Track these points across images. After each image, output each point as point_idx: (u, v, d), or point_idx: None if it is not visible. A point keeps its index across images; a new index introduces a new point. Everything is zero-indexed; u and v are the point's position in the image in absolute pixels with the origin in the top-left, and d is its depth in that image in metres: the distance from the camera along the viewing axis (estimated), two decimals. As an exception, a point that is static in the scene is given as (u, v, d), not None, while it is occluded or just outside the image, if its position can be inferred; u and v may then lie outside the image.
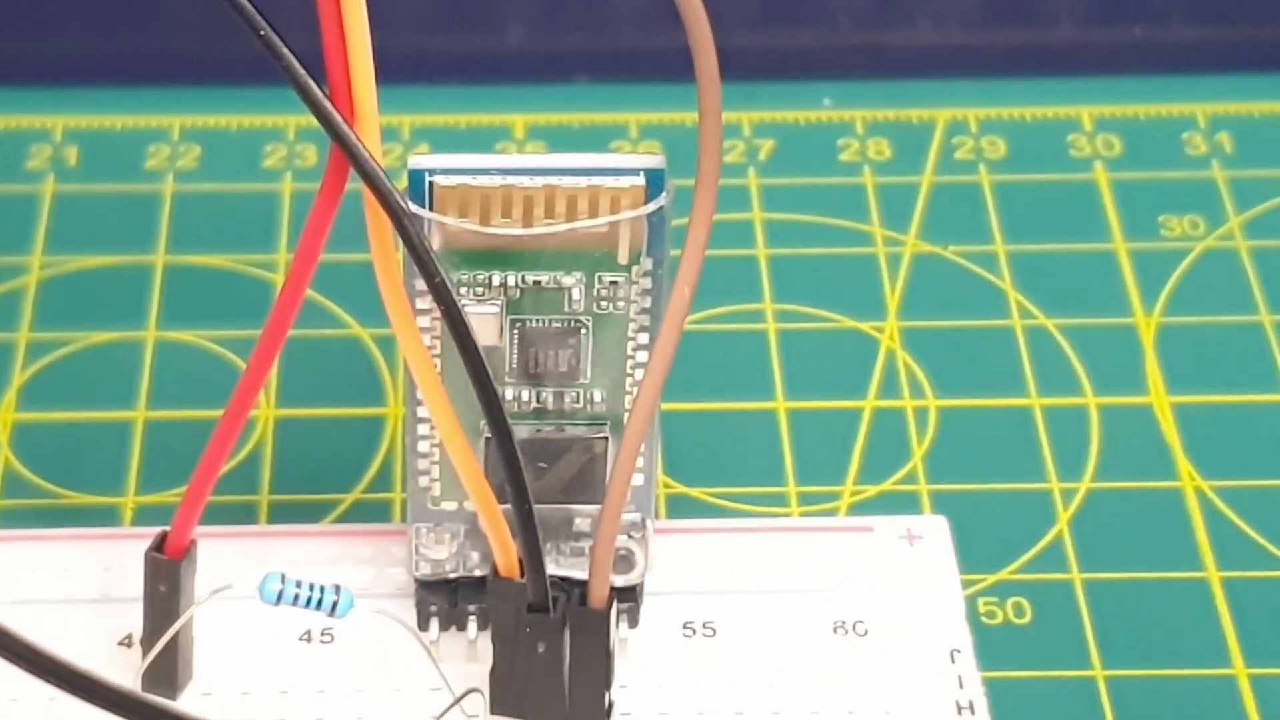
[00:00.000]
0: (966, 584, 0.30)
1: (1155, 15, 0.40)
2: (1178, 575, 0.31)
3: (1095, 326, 0.35)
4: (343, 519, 0.32)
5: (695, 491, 0.32)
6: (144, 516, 0.32)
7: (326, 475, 0.32)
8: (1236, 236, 0.36)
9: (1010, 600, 0.31)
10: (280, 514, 0.32)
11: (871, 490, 0.32)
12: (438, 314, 0.25)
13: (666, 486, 0.32)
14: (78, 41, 0.40)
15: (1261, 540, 0.32)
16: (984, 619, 0.30)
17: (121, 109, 0.39)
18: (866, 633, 0.29)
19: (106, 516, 0.32)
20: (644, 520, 0.28)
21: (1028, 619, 0.31)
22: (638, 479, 0.27)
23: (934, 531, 0.30)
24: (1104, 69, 0.40)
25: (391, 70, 0.24)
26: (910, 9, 0.39)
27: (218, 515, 0.29)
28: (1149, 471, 0.33)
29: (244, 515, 0.32)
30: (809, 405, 0.34)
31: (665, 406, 0.28)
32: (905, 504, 0.32)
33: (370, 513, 0.32)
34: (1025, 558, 0.31)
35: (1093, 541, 0.32)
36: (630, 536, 0.28)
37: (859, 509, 0.32)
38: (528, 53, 0.39)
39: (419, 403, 0.27)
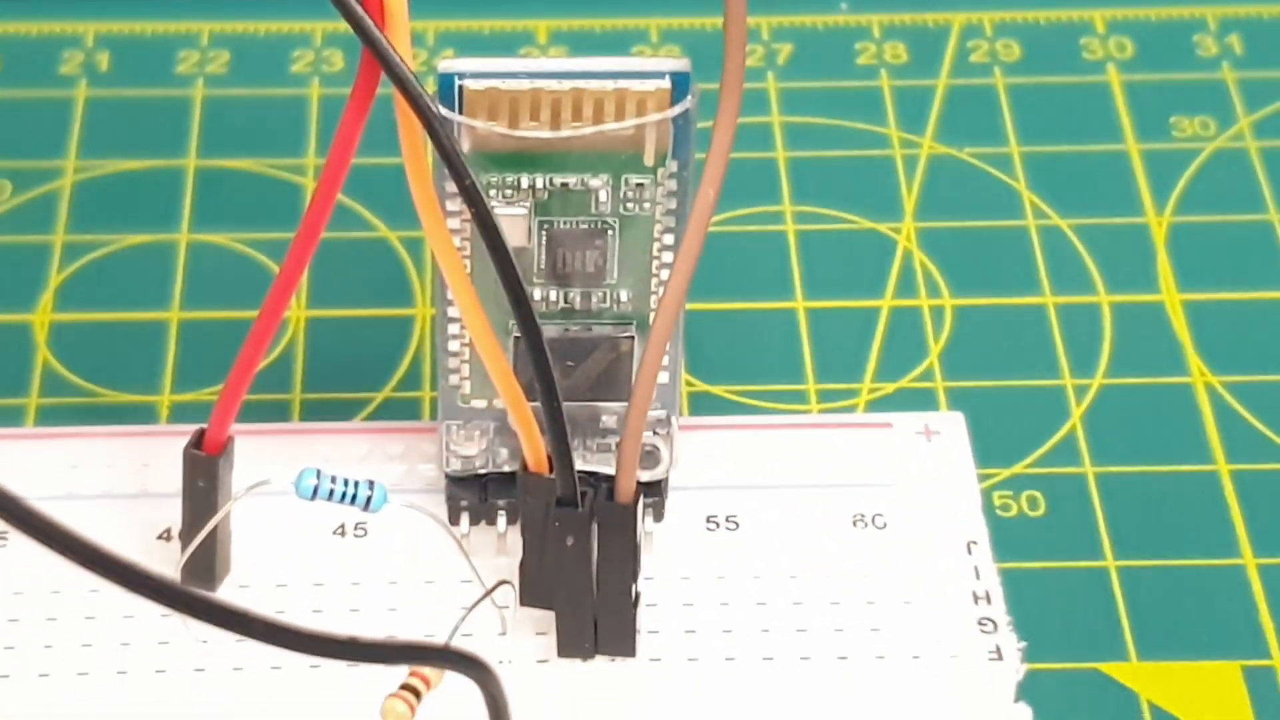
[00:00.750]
0: (982, 478, 0.30)
1: None
2: (1188, 469, 0.31)
3: (1108, 226, 0.35)
4: (373, 417, 0.32)
5: (718, 389, 0.32)
6: (180, 414, 0.32)
7: (358, 374, 0.32)
8: (1246, 137, 0.36)
9: (1025, 494, 0.31)
10: (313, 412, 0.32)
11: (889, 388, 0.32)
12: (467, 216, 0.25)
13: (690, 385, 0.32)
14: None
15: (1270, 434, 0.32)
16: (999, 511, 0.31)
17: (152, 14, 0.38)
18: (885, 526, 0.29)
19: (144, 415, 0.32)
20: (669, 417, 0.28)
21: (1041, 511, 0.31)
22: (663, 377, 0.27)
23: (951, 427, 0.30)
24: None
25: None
26: None
27: (252, 413, 0.29)
28: (1160, 367, 0.33)
29: (278, 413, 0.32)
30: (828, 304, 0.34)
31: (689, 306, 0.28)
32: (922, 401, 0.32)
33: (401, 411, 0.32)
34: (1039, 452, 0.32)
35: (1105, 436, 0.32)
36: (655, 433, 0.28)
37: (877, 406, 0.32)
38: None
39: (449, 303, 0.27)
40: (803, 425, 0.31)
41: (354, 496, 0.26)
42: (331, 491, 0.26)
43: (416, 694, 0.24)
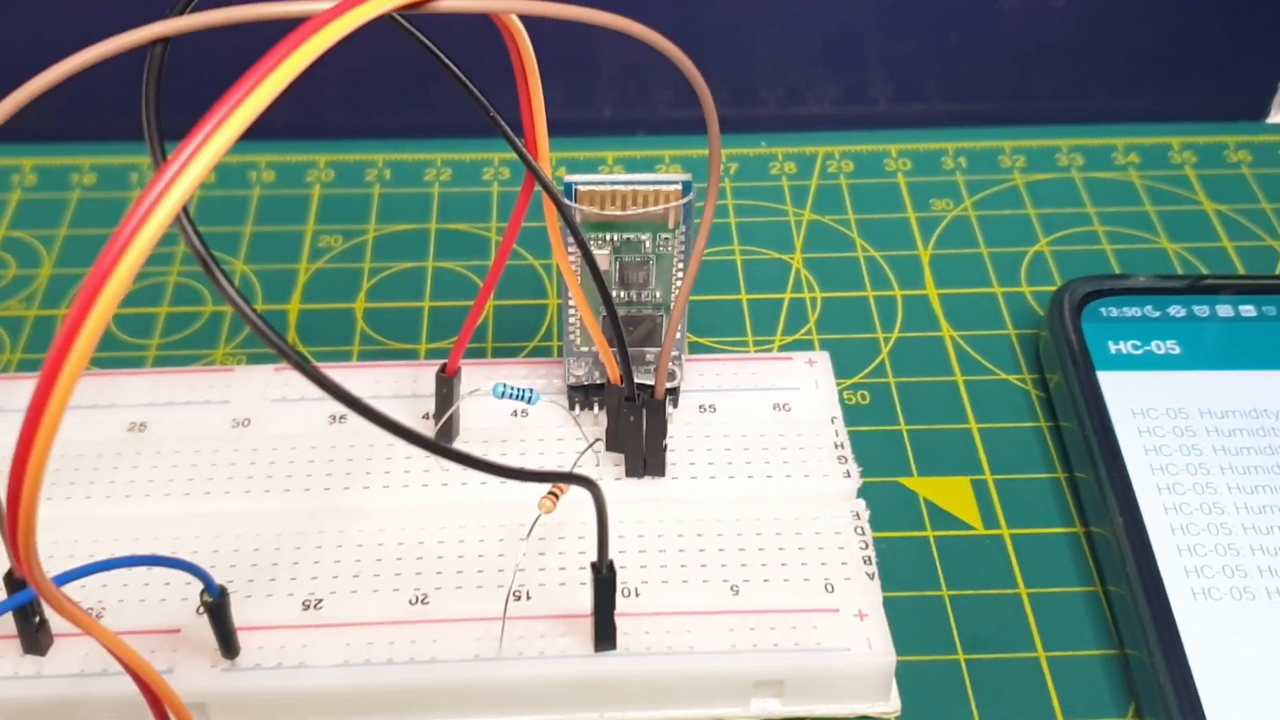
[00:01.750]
0: (839, 384, 0.30)
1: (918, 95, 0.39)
2: (939, 379, 0.31)
3: (899, 255, 0.34)
4: (528, 355, 0.31)
5: (705, 340, 0.32)
6: (431, 355, 0.32)
7: (521, 333, 0.32)
8: (970, 210, 0.36)
9: (859, 391, 0.31)
10: (499, 354, 0.32)
11: (790, 338, 0.32)
12: (578, 255, 0.25)
13: (691, 338, 0.32)
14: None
15: (982, 359, 0.31)
16: (846, 401, 0.31)
17: (415, 149, 0.38)
18: (790, 410, 0.29)
19: (411, 355, 0.32)
20: (680, 356, 0.28)
21: (869, 401, 0.31)
22: (678, 335, 0.27)
23: (822, 359, 0.30)
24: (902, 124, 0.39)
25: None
26: (806, 95, 0.38)
27: (470, 354, 0.29)
28: (926, 327, 0.32)
29: (480, 354, 0.32)
30: (759, 296, 0.33)
31: (691, 298, 0.28)
32: (807, 345, 0.32)
33: (543, 353, 0.32)
34: (866, 370, 0.31)
35: (899, 362, 0.31)
36: (674, 363, 0.28)
37: (785, 348, 0.32)
38: (611, 121, 0.38)
39: (570, 298, 0.27)
40: (746, 358, 0.30)
41: (522, 395, 0.26)
42: (511, 393, 0.26)
43: (556, 497, 0.24)
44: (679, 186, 0.25)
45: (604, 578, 0.23)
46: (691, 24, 0.37)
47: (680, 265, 0.26)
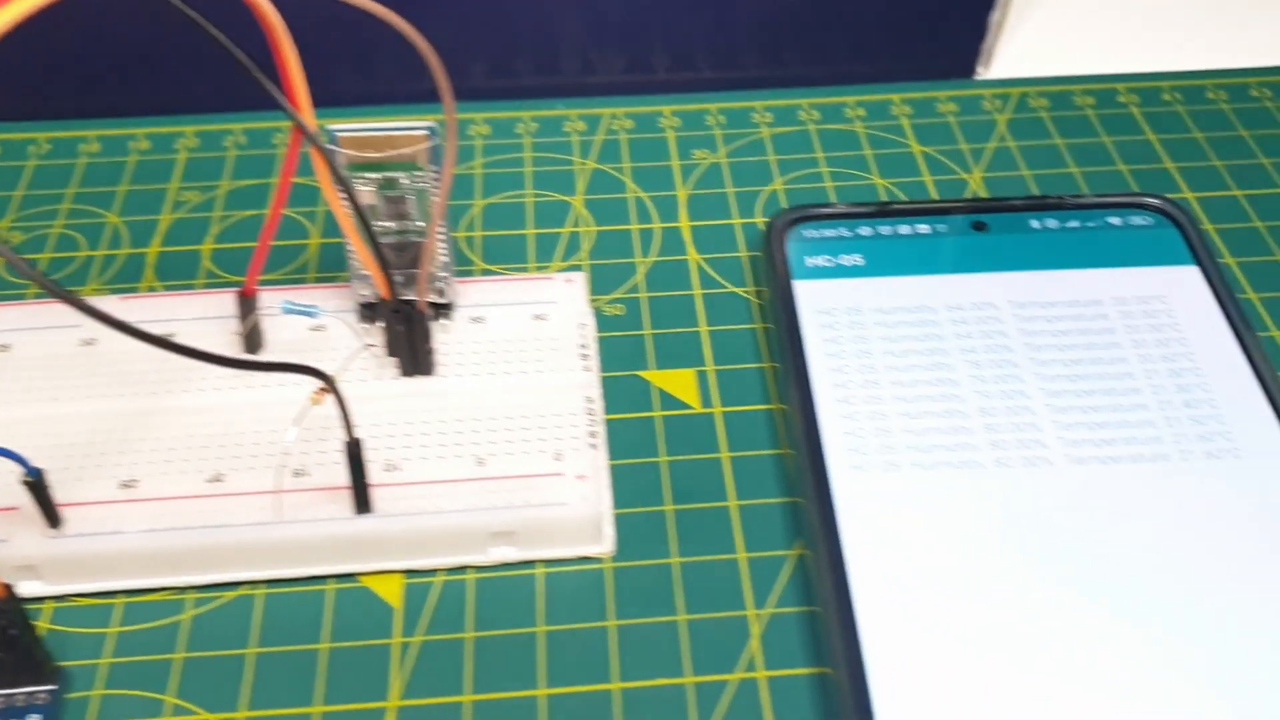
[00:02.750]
0: (601, 299, 0.31)
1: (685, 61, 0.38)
2: (683, 293, 0.31)
3: (663, 195, 0.34)
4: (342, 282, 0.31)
5: (495, 267, 0.32)
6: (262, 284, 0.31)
7: (337, 265, 0.32)
8: (723, 159, 0.35)
9: (617, 304, 0.31)
10: (317, 281, 0.31)
11: (566, 263, 0.32)
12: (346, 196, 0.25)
13: (483, 266, 0.32)
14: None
15: (718, 276, 0.32)
16: (606, 312, 0.31)
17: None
18: (548, 319, 0.29)
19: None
20: (449, 277, 0.28)
21: (624, 312, 0.31)
22: (444, 257, 0.27)
23: (579, 278, 0.30)
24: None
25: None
26: (598, 66, 0.38)
27: (289, 281, 0.29)
28: (675, 251, 0.32)
29: (301, 282, 0.31)
30: (544, 231, 0.33)
31: (485, 232, 0.28)
32: (578, 269, 0.32)
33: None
34: (624, 287, 0.32)
35: (652, 281, 0.32)
36: (443, 283, 0.28)
37: (561, 271, 0.32)
38: (389, 92, 0.37)
39: (347, 239, 0.27)
40: (515, 278, 0.30)
41: (306, 311, 0.27)
42: (295, 309, 0.27)
43: (324, 392, 0.24)
44: (425, 132, 0.26)
45: (351, 452, 0.24)
46: (501, 4, 0.37)
47: (435, 197, 0.27)
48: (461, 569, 0.25)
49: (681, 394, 0.29)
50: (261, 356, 0.28)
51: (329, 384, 0.22)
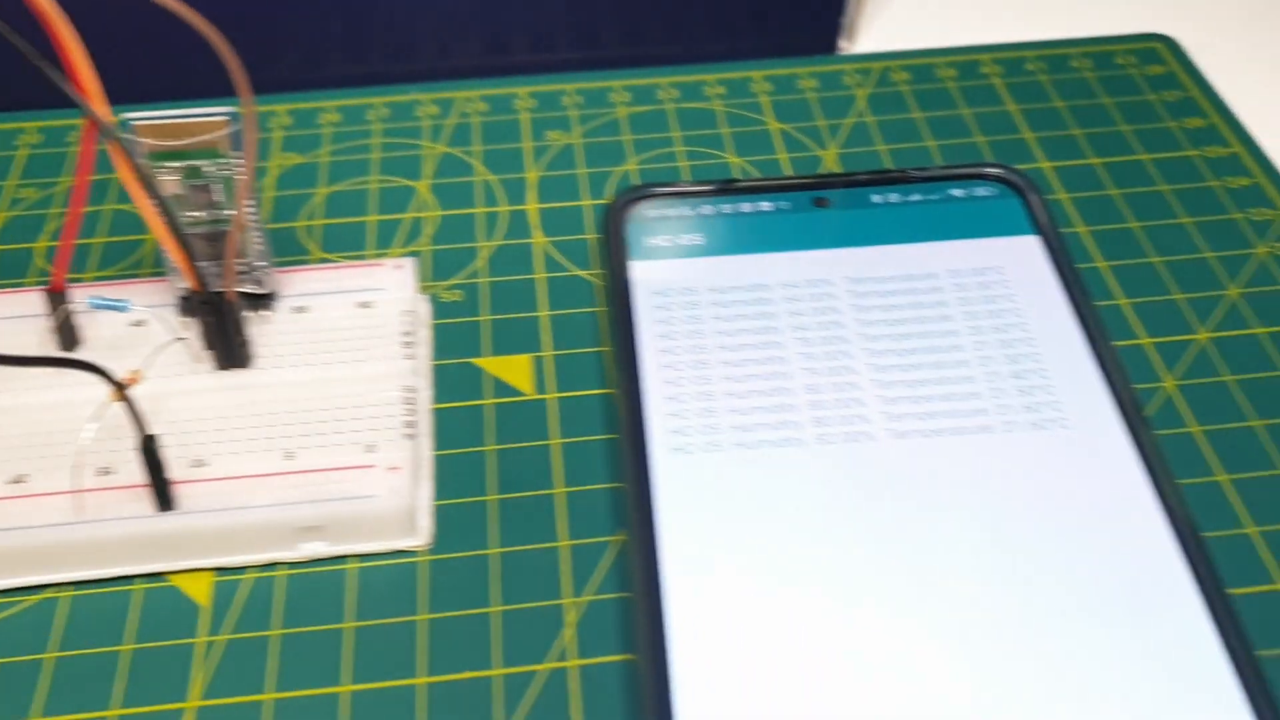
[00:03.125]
0: (439, 284, 0.30)
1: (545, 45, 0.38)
2: (531, 277, 0.31)
3: (511, 179, 0.34)
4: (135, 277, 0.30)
5: (333, 255, 0.31)
6: (96, 281, 0.30)
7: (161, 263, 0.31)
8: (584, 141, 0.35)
9: (456, 290, 0.31)
10: (145, 277, 0.31)
11: (406, 250, 0.32)
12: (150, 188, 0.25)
13: (318, 255, 0.31)
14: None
15: (566, 261, 0.31)
16: (443, 298, 0.30)
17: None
18: (372, 306, 0.28)
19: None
20: (267, 266, 0.28)
21: (462, 298, 0.30)
22: (259, 246, 0.27)
23: (408, 263, 0.29)
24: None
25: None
26: (455, 50, 0.37)
27: (118, 277, 0.28)
28: (521, 235, 0.32)
29: (132, 279, 0.30)
30: (386, 217, 0.33)
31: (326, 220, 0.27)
32: (417, 255, 0.32)
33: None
34: (463, 273, 0.31)
35: (495, 266, 0.31)
36: (262, 273, 0.27)
37: (389, 258, 0.31)
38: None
39: (151, 231, 0.26)
40: (341, 267, 0.29)
41: (115, 305, 0.26)
42: (104, 303, 0.26)
43: (122, 388, 0.23)
44: (225, 118, 0.25)
45: (146, 449, 0.23)
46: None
47: (241, 181, 0.26)
48: (272, 566, 0.25)
49: (515, 380, 0.28)
50: (78, 353, 0.27)
51: (108, 379, 0.22)
